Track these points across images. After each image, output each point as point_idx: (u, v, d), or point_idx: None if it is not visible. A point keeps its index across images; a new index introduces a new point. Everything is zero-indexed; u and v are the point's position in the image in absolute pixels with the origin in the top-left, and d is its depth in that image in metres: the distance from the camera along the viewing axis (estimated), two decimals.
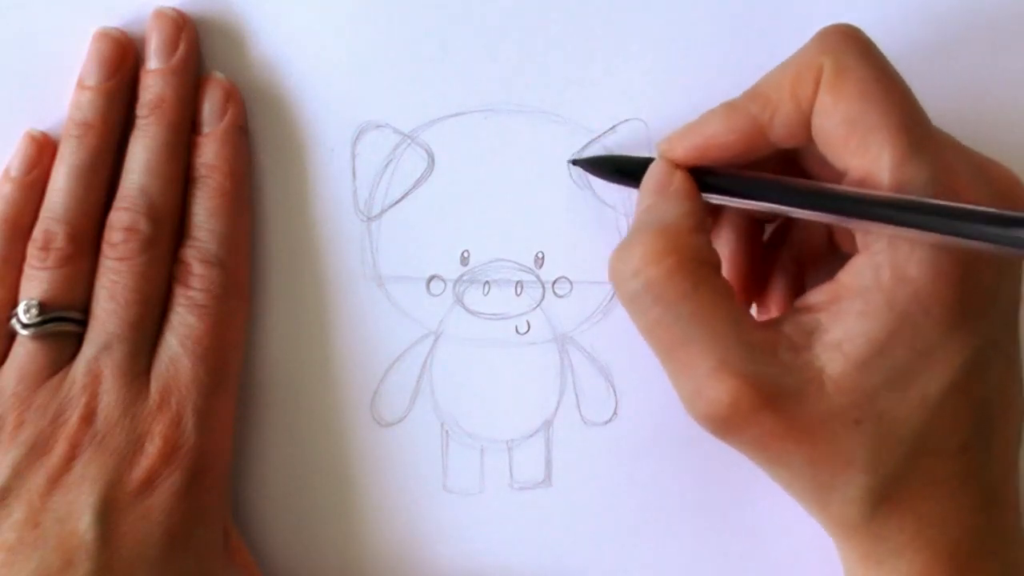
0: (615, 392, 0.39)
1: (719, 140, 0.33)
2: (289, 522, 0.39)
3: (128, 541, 0.34)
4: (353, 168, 0.39)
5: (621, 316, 0.38)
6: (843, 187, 0.31)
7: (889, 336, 0.31)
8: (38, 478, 0.35)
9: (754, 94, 0.33)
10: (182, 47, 0.37)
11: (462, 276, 0.39)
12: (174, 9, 0.38)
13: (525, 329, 0.39)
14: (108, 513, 0.34)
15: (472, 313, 0.39)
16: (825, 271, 0.35)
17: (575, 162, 0.38)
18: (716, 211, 0.37)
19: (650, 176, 0.34)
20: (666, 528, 0.39)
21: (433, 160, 0.38)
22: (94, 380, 0.36)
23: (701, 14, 0.38)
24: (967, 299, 0.31)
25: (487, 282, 0.39)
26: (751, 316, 0.32)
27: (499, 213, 0.39)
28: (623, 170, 0.36)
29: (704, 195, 0.34)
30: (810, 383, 0.31)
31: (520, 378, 0.39)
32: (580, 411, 0.39)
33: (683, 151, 0.34)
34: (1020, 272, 0.32)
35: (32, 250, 0.37)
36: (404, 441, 0.39)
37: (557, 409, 0.39)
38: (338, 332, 0.39)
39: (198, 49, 0.38)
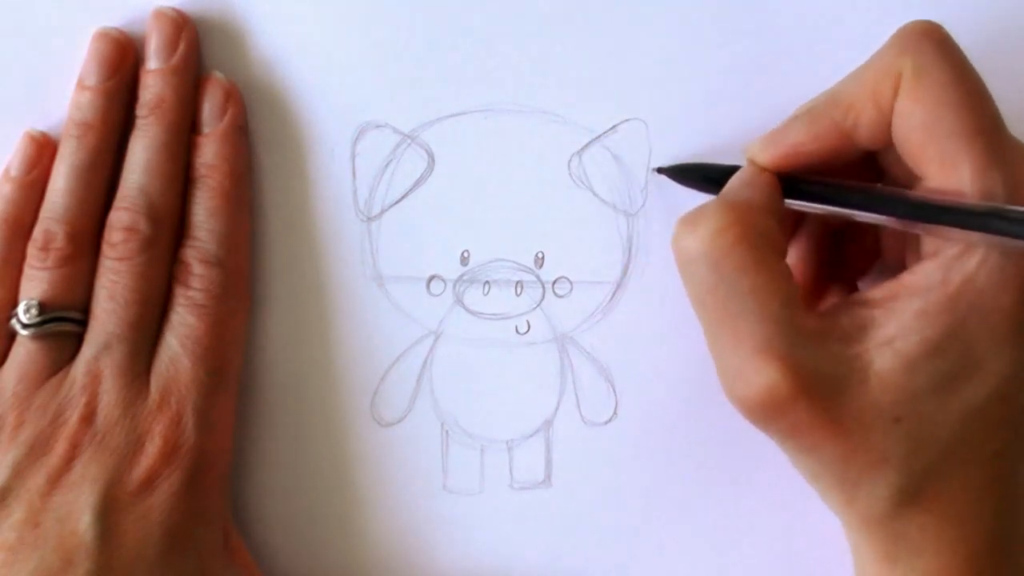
0: (615, 392, 0.39)
1: (805, 148, 0.33)
2: (289, 522, 0.39)
3: (128, 541, 0.34)
4: (353, 168, 0.39)
5: (621, 316, 0.38)
6: (930, 195, 0.31)
7: (944, 339, 0.31)
8: (38, 478, 0.35)
9: (835, 99, 0.33)
10: (182, 47, 0.37)
11: (462, 276, 0.39)
12: (174, 9, 0.38)
13: (525, 329, 0.39)
14: (108, 513, 0.34)
15: (472, 313, 0.39)
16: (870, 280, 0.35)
17: (660, 170, 0.37)
18: (796, 221, 0.37)
19: (737, 178, 0.34)
20: (666, 528, 0.39)
21: (433, 160, 0.39)
22: (94, 380, 0.36)
23: (701, 14, 0.38)
24: None
25: (487, 282, 0.39)
26: (805, 303, 0.32)
27: (499, 213, 0.39)
28: (709, 177, 0.36)
29: (787, 201, 0.34)
30: (854, 376, 0.31)
31: (520, 378, 0.39)
32: (580, 411, 0.39)
33: (769, 158, 0.34)
34: None
35: (32, 250, 0.37)
36: (404, 441, 0.39)
37: (557, 409, 0.39)
38: (338, 332, 0.39)
39: (198, 49, 0.38)
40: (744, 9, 0.38)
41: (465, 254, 0.39)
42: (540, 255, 0.39)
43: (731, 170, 0.35)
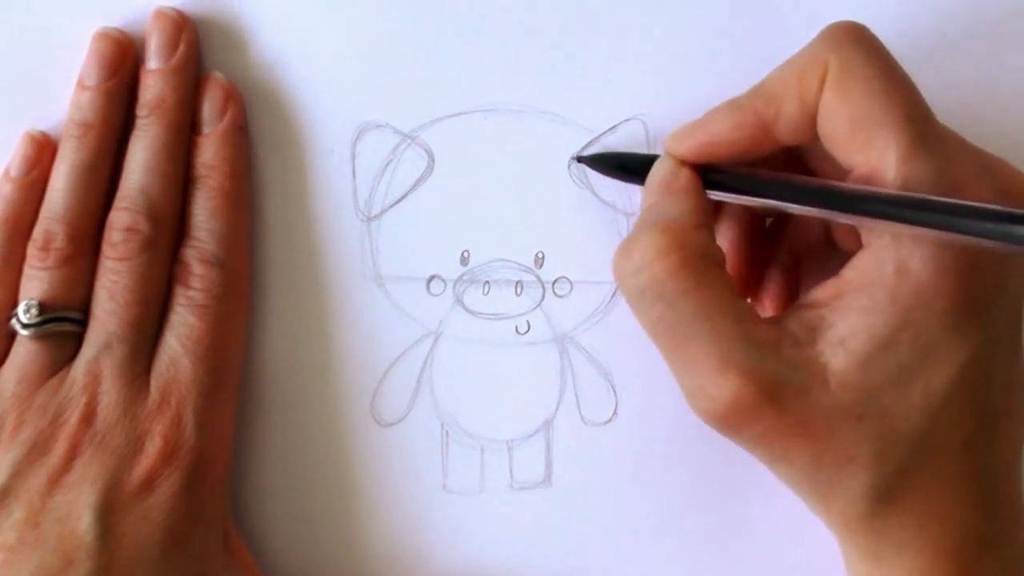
0: (615, 392, 0.39)
1: (724, 138, 0.33)
2: (289, 522, 0.39)
3: (128, 541, 0.34)
4: (353, 168, 0.39)
5: (621, 316, 0.38)
6: (848, 184, 0.31)
7: (892, 332, 0.31)
8: (38, 478, 0.35)
9: (759, 91, 0.33)
10: (182, 47, 0.37)
11: (462, 276, 0.39)
12: (174, 9, 0.38)
13: (525, 329, 0.39)
14: (108, 513, 0.34)
15: (472, 313, 0.39)
16: (821, 266, 0.35)
17: (580, 159, 0.38)
18: (717, 205, 0.37)
19: (655, 173, 0.35)
20: (666, 528, 0.39)
21: (433, 160, 0.38)
22: (94, 380, 0.36)
23: (701, 14, 0.38)
24: (970, 296, 0.31)
25: (487, 282, 0.39)
26: (754, 312, 0.32)
27: (499, 213, 0.39)
28: (627, 167, 0.36)
29: (709, 192, 0.34)
30: (813, 379, 0.31)
31: (520, 378, 0.39)
32: (580, 411, 0.39)
33: (687, 148, 0.34)
34: (1021, 274, 0.32)
35: (32, 250, 0.37)
36: (404, 441, 0.39)
37: (557, 409, 0.39)
38: (338, 332, 0.39)
39: (198, 49, 0.38)
40: (744, 9, 0.38)
41: (465, 254, 0.39)
42: (540, 255, 0.39)
43: (649, 159, 0.35)
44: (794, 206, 0.32)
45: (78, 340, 0.36)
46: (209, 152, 0.37)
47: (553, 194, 0.38)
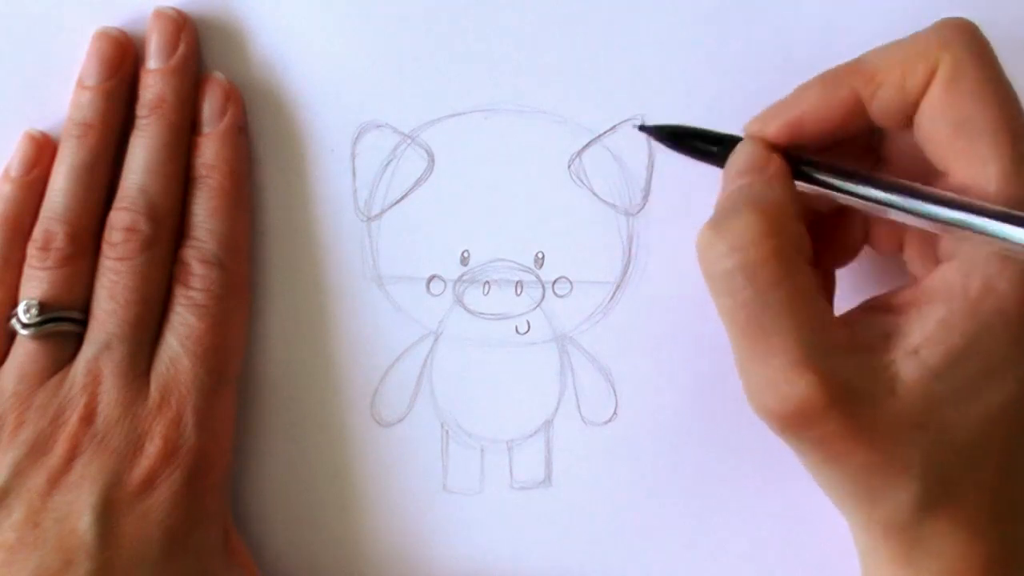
0: (615, 392, 0.39)
1: (816, 115, 0.32)
2: (289, 522, 0.39)
3: (128, 541, 0.34)
4: (353, 168, 0.39)
5: (621, 316, 0.38)
6: (948, 192, 0.31)
7: (967, 346, 0.30)
8: (38, 478, 0.35)
9: (857, 68, 0.32)
10: (182, 47, 0.37)
11: (462, 276, 0.39)
12: (174, 9, 0.38)
13: (525, 329, 0.39)
14: (108, 513, 0.34)
15: (472, 313, 0.39)
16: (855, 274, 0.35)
17: (643, 128, 0.36)
18: None
19: (743, 155, 0.33)
20: (666, 528, 0.39)
21: (433, 160, 0.39)
22: (94, 380, 0.36)
23: (701, 13, 0.38)
24: None
25: (487, 282, 0.39)
26: (832, 313, 0.32)
27: (499, 213, 0.39)
28: (703, 140, 0.34)
29: (798, 183, 0.33)
30: (883, 387, 0.31)
31: (520, 378, 0.39)
32: (580, 411, 0.39)
33: (776, 128, 0.33)
34: None
35: (32, 250, 0.37)
36: (404, 441, 0.39)
37: (557, 409, 0.39)
38: (338, 332, 0.39)
39: (198, 49, 0.38)
40: (744, 9, 0.38)
41: (465, 254, 0.39)
42: (540, 255, 0.39)
43: (730, 139, 0.34)
44: (887, 208, 0.31)
45: (78, 340, 0.36)
46: (209, 152, 0.37)
47: (553, 194, 0.38)
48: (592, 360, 0.39)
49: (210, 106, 0.38)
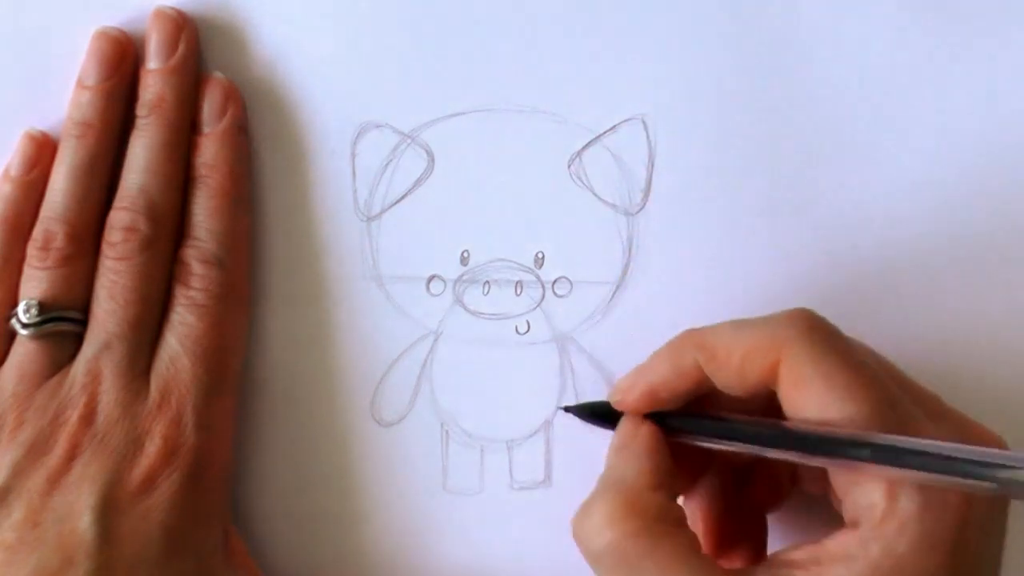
0: None
1: (667, 384, 0.34)
2: (289, 522, 0.39)
3: (128, 541, 0.34)
4: (353, 168, 0.39)
5: (621, 316, 0.38)
6: (818, 427, 0.31)
7: None
8: (38, 478, 0.35)
9: (701, 343, 0.33)
10: (182, 47, 0.37)
11: (462, 276, 0.39)
12: (174, 9, 0.38)
13: (525, 329, 0.39)
14: (108, 513, 0.34)
15: (472, 313, 0.39)
16: (788, 515, 0.36)
17: (567, 409, 0.37)
18: (685, 459, 0.36)
19: (617, 434, 0.35)
20: None
21: (433, 160, 0.39)
22: (94, 380, 0.36)
23: (701, 13, 0.38)
24: (954, 571, 0.30)
25: (487, 282, 0.39)
26: (718, 568, 0.32)
27: (499, 213, 0.39)
28: (605, 417, 0.36)
29: (676, 438, 0.34)
30: None
31: (520, 378, 0.39)
32: None
33: (633, 400, 0.34)
34: (1001, 533, 0.32)
35: (32, 250, 0.37)
36: (404, 441, 0.39)
37: (557, 409, 0.39)
38: (338, 332, 0.39)
39: (198, 49, 0.38)
40: (744, 8, 0.38)
41: (465, 254, 0.39)
42: (540, 255, 0.39)
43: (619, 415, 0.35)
44: (767, 450, 0.32)
45: (78, 340, 0.36)
46: (209, 152, 0.37)
47: (553, 194, 0.38)
48: (592, 360, 0.39)
49: (210, 106, 0.38)
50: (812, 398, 0.31)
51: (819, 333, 0.32)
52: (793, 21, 0.38)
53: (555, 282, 0.39)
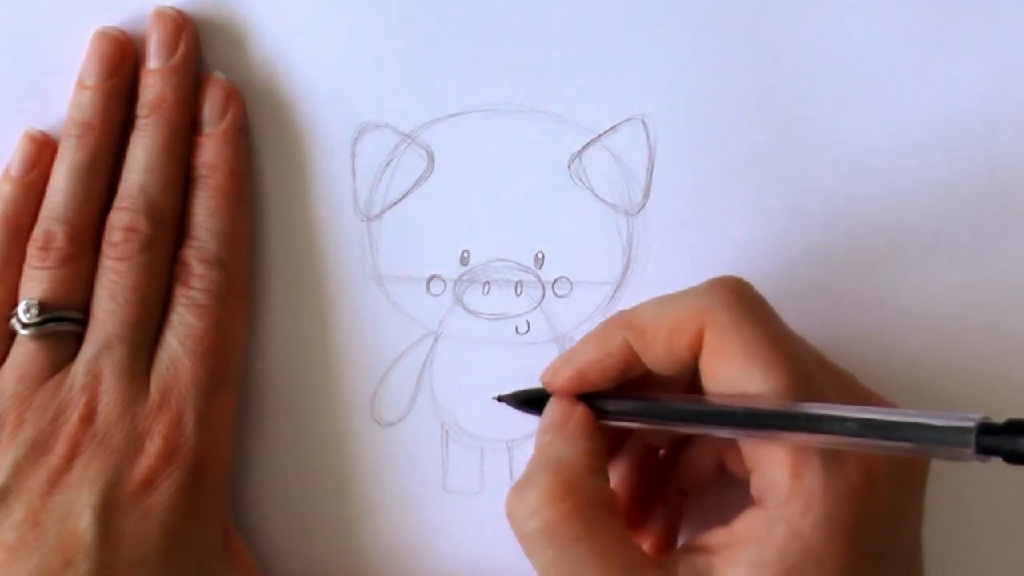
0: None
1: (597, 365, 0.34)
2: (289, 522, 0.39)
3: (128, 541, 0.34)
4: (353, 168, 0.39)
5: None
6: (737, 404, 0.31)
7: None
8: (38, 478, 0.35)
9: (629, 321, 0.33)
10: (182, 47, 0.37)
11: (462, 276, 0.39)
12: (174, 9, 0.38)
13: (525, 329, 0.39)
14: (108, 513, 0.34)
15: (472, 313, 0.39)
16: (711, 496, 0.36)
17: (499, 398, 0.38)
18: (621, 436, 0.37)
19: (548, 412, 0.35)
20: None
21: (433, 160, 0.39)
22: (94, 380, 0.36)
23: (701, 13, 0.38)
24: (861, 554, 0.30)
25: (487, 282, 0.39)
26: (646, 558, 0.32)
27: (499, 213, 0.39)
28: (528, 401, 0.36)
29: (607, 422, 0.34)
30: None
31: (520, 378, 0.39)
32: None
33: (563, 380, 0.34)
34: (916, 516, 0.32)
35: (32, 250, 0.37)
36: (404, 441, 0.39)
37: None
38: (338, 332, 0.39)
39: (198, 49, 0.38)
40: (744, 8, 0.38)
41: (465, 254, 0.39)
42: (540, 255, 0.39)
43: (546, 396, 0.35)
44: (684, 427, 0.33)
45: (78, 340, 0.36)
46: (210, 152, 0.37)
47: (553, 194, 0.38)
48: None
49: (211, 106, 0.38)
50: (730, 368, 0.31)
51: (740, 302, 0.32)
52: (793, 21, 0.38)
53: (555, 282, 0.39)
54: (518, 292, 0.39)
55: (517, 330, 0.39)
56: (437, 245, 0.39)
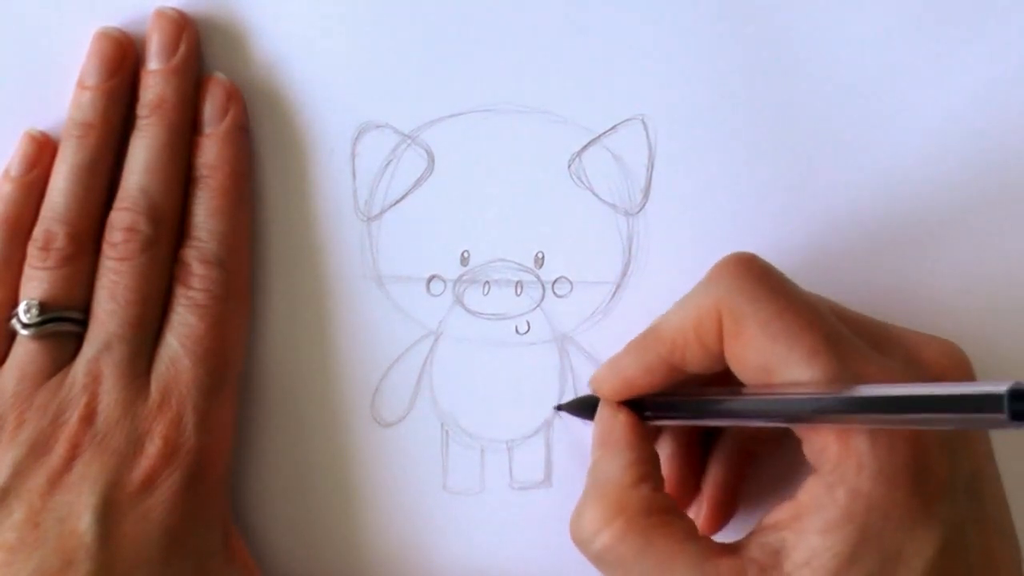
0: None
1: (640, 380, 0.34)
2: (289, 522, 0.39)
3: (128, 541, 0.34)
4: (353, 168, 0.39)
5: (621, 316, 0.39)
6: (784, 394, 0.31)
7: (853, 548, 0.30)
8: (38, 478, 0.35)
9: (658, 337, 0.34)
10: (183, 47, 0.37)
11: (462, 276, 0.39)
12: (175, 9, 0.38)
13: (525, 329, 0.39)
14: (108, 513, 0.34)
15: (472, 313, 0.39)
16: (775, 455, 0.37)
17: (560, 407, 0.38)
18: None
19: (596, 425, 0.36)
20: None
21: (433, 160, 0.39)
22: (94, 380, 0.36)
23: (701, 13, 0.38)
24: (924, 496, 0.30)
25: (487, 282, 0.39)
26: (715, 548, 0.32)
27: (499, 213, 0.39)
28: (584, 407, 0.37)
29: (652, 422, 0.35)
30: None
31: (520, 378, 0.39)
32: None
33: (611, 390, 0.35)
34: (972, 449, 0.32)
35: (32, 250, 0.37)
36: (404, 441, 0.39)
37: (555, 408, 0.39)
38: (338, 332, 0.39)
39: (199, 49, 0.38)
40: (745, 8, 0.38)
41: (465, 254, 0.39)
42: (540, 255, 0.39)
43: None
44: (737, 422, 0.33)
45: (78, 340, 0.36)
46: (211, 152, 0.37)
47: (553, 194, 0.38)
48: (592, 360, 0.39)
49: (211, 106, 0.38)
50: (754, 350, 0.31)
51: (750, 280, 0.32)
52: (792, 21, 0.38)
53: (555, 282, 0.39)
54: (518, 292, 0.39)
55: (517, 330, 0.39)
56: (437, 245, 0.39)
